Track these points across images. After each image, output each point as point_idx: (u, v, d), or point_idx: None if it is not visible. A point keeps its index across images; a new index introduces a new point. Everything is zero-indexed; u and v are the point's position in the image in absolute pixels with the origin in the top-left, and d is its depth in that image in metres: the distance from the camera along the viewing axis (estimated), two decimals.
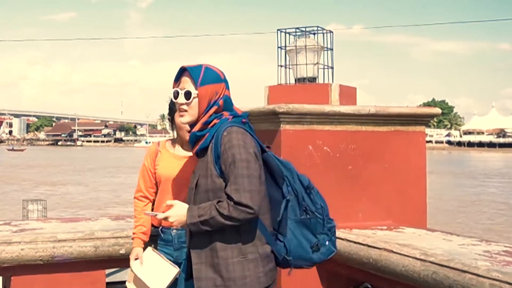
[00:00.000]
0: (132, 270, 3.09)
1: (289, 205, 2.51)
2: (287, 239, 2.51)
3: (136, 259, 3.09)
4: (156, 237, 3.18)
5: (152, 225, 3.19)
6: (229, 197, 2.31)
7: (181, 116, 2.51)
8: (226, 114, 2.48)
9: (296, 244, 2.52)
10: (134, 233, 3.15)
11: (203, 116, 2.46)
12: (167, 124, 3.21)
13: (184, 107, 2.47)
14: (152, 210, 3.17)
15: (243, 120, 2.49)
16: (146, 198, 3.19)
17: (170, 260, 3.08)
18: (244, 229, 2.39)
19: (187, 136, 2.73)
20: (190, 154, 2.93)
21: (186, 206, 2.43)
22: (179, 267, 3.06)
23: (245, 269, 2.37)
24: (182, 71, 2.52)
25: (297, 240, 2.52)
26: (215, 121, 2.47)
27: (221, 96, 2.47)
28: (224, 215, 2.30)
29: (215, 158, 2.40)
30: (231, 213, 2.30)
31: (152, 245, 3.15)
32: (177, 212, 2.42)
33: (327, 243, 2.57)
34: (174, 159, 3.14)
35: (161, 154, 3.18)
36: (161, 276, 3.03)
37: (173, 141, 3.23)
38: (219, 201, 2.34)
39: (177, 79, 2.53)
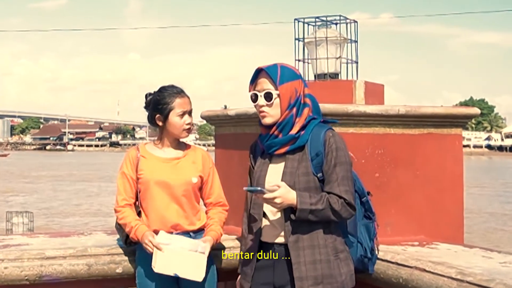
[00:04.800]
0: (157, 260, 2.93)
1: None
2: (360, 240, 2.89)
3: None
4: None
5: (137, 242, 3.07)
6: (339, 196, 2.64)
7: (263, 117, 2.74)
8: (315, 117, 2.79)
9: (365, 246, 2.91)
10: (135, 225, 3.04)
11: (298, 119, 2.71)
12: None
13: (265, 108, 2.73)
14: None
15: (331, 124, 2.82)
16: (130, 206, 3.14)
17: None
18: (335, 228, 2.73)
19: (183, 135, 3.09)
20: (178, 155, 3.17)
21: (293, 190, 2.63)
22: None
23: (341, 267, 2.70)
24: (258, 72, 2.75)
25: (365, 242, 2.91)
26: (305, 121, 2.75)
27: (301, 93, 2.74)
28: (334, 209, 2.63)
29: (312, 156, 2.69)
30: (340, 210, 2.64)
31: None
32: (286, 194, 2.61)
33: (376, 250, 3.04)
34: (162, 162, 3.14)
35: (145, 159, 3.15)
36: (193, 264, 2.96)
37: (156, 144, 3.21)
38: (329, 194, 2.64)
39: (253, 81, 2.78)
